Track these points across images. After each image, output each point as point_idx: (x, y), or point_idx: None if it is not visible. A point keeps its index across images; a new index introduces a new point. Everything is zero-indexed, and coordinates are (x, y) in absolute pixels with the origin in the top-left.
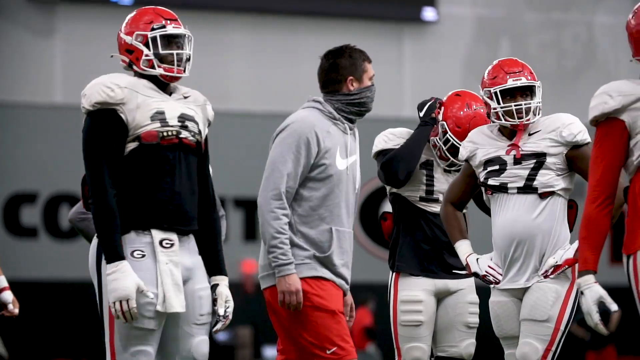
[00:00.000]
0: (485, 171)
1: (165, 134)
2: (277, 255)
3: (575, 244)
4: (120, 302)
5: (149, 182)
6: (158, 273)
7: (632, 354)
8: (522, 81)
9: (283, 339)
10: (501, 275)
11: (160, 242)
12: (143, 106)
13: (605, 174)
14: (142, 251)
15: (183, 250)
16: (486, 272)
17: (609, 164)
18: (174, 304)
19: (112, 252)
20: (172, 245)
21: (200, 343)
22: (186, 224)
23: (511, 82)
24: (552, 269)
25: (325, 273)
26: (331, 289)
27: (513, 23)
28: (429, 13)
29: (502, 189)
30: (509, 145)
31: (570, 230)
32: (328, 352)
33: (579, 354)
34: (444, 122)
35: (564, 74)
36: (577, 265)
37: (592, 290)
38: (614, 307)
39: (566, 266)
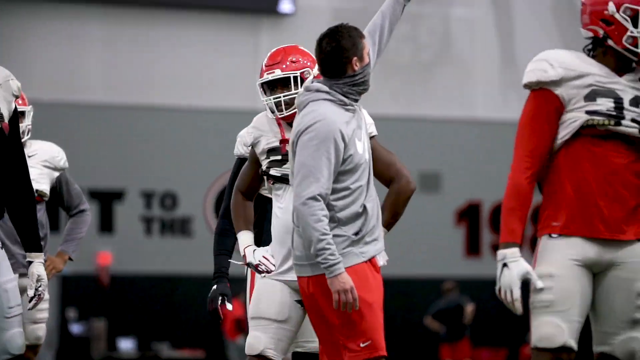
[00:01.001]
0: (268, 160)
1: None
2: (326, 256)
3: None
4: None
5: None
6: None
7: (485, 345)
8: (275, 74)
9: (320, 333)
10: (274, 265)
11: None
12: None
13: (539, 147)
14: None
15: None
16: (260, 261)
17: (543, 137)
18: None
19: None
20: None
21: (13, 336)
22: None
23: (265, 76)
24: None
25: (366, 251)
26: (369, 276)
27: (370, 15)
28: (285, 5)
29: (284, 180)
30: (280, 142)
31: None
32: (362, 345)
33: (433, 347)
34: None
35: (419, 67)
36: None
37: (519, 265)
38: (539, 284)
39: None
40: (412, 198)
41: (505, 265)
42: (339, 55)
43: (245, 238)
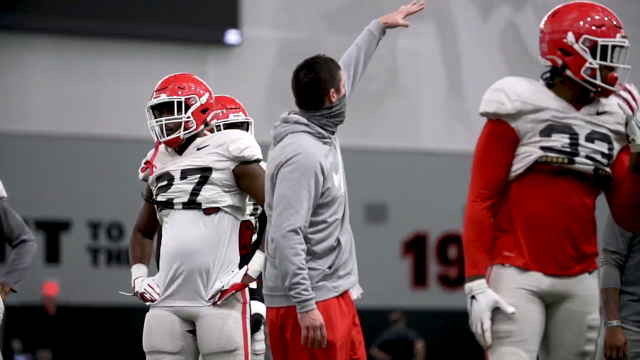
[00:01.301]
0: (156, 187)
1: None
2: (299, 291)
3: (243, 270)
4: None
5: None
6: None
7: None
8: (160, 98)
9: None
10: (158, 294)
11: None
12: None
13: (494, 178)
14: None
15: None
16: (145, 289)
17: (499, 168)
18: None
19: None
20: None
21: None
22: None
23: (152, 100)
24: (220, 294)
25: (338, 285)
26: (338, 314)
27: (316, 46)
28: (232, 36)
29: (169, 204)
30: (145, 163)
31: (249, 252)
32: None
33: None
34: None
35: (366, 98)
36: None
37: (487, 295)
38: (510, 309)
39: (233, 291)
40: (358, 228)
41: (473, 297)
42: (316, 86)
43: (136, 271)
